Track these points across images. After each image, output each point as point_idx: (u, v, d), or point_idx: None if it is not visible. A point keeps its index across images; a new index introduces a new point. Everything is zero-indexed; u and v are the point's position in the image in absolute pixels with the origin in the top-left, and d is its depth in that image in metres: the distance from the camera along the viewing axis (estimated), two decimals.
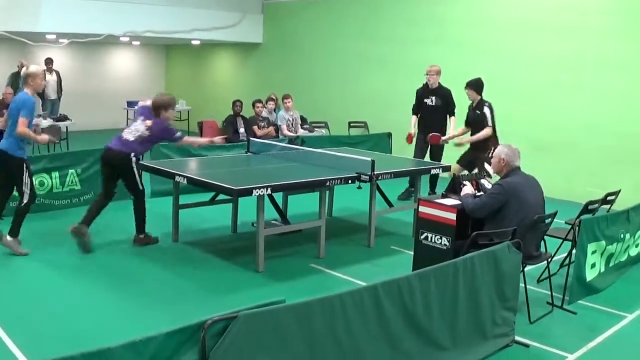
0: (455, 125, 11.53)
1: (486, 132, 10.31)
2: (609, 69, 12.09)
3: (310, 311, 4.27)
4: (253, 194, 7.43)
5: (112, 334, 5.68)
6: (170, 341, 3.65)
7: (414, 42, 15.46)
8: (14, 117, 7.93)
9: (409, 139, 11.78)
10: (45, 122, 14.84)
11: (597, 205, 7.85)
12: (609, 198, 8.23)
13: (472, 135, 10.59)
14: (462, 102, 11.23)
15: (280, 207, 9.22)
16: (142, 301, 6.89)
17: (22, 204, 8.13)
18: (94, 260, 8.04)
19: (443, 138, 11.15)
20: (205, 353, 3.75)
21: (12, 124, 7.97)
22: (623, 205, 8.23)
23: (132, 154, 8.46)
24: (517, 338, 6.08)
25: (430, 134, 11.13)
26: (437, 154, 11.59)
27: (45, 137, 8.50)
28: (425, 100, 11.61)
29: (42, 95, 17.67)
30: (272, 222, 8.68)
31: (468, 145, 10.67)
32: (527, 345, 6.05)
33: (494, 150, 8.69)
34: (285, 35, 19.41)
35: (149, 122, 8.67)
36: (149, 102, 8.99)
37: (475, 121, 10.49)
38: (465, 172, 9.15)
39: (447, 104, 11.50)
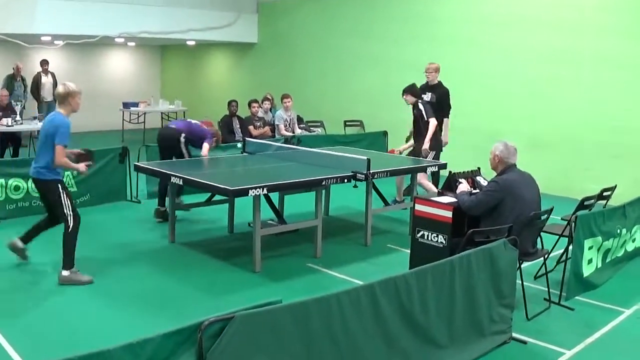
0: (448, 127, 11.45)
1: (432, 123, 10.48)
2: (605, 65, 12.09)
3: (307, 311, 4.27)
4: (249, 194, 7.43)
5: (109, 336, 5.70)
6: (167, 342, 3.64)
7: (408, 40, 15.46)
8: (45, 140, 7.31)
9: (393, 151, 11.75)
10: (41, 124, 14.77)
11: (593, 201, 7.85)
12: (605, 193, 8.24)
13: (417, 135, 10.72)
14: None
15: (277, 207, 9.23)
16: (138, 303, 6.88)
17: (69, 229, 7.37)
18: (90, 263, 8.01)
19: (397, 149, 11.32)
20: (203, 354, 3.75)
21: (42, 148, 7.36)
22: (619, 200, 8.24)
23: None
24: (515, 335, 6.08)
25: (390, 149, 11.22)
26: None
27: (83, 166, 7.75)
28: (423, 95, 11.55)
29: (37, 97, 17.68)
30: (269, 222, 8.68)
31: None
32: (524, 342, 6.05)
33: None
34: (280, 34, 19.41)
35: None
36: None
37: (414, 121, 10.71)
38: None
39: (440, 102, 11.37)
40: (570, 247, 7.20)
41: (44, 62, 17.90)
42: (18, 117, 14.29)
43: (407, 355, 5.00)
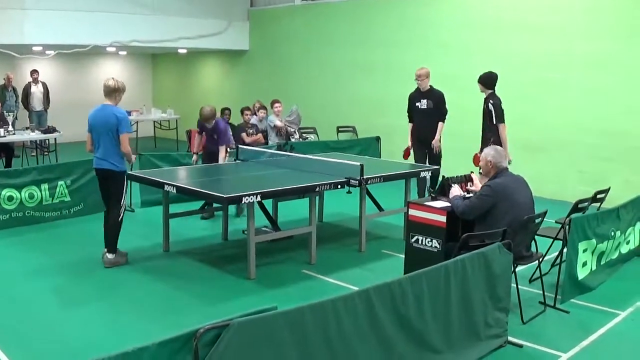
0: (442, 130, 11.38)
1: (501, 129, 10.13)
2: (595, 68, 12.14)
3: (302, 317, 4.26)
4: (243, 202, 7.43)
5: (104, 346, 5.69)
6: (162, 351, 3.63)
7: (400, 46, 15.48)
8: (107, 131, 7.92)
9: (406, 154, 11.51)
10: (34, 135, 14.79)
11: (587, 203, 7.87)
12: (598, 196, 8.25)
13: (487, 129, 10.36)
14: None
15: (271, 213, 9.22)
16: (134, 311, 6.87)
17: (119, 218, 8.21)
18: (85, 272, 8.00)
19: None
20: None
21: (106, 139, 7.97)
22: (613, 203, 8.26)
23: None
24: (510, 338, 6.08)
25: (474, 154, 10.41)
26: (436, 161, 11.41)
27: (134, 157, 8.55)
28: (417, 103, 11.42)
29: (27, 106, 17.64)
30: (263, 229, 8.67)
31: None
32: (520, 346, 6.05)
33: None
34: (271, 41, 19.40)
35: None
36: None
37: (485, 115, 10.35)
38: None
39: (438, 107, 11.30)
40: (565, 250, 7.20)
41: (34, 72, 17.87)
42: (10, 128, 14.27)
43: None
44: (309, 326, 4.29)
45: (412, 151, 11.48)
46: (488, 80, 10.29)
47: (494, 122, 10.03)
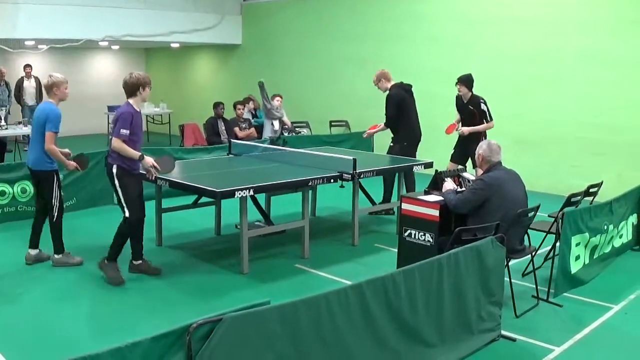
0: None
1: (489, 125, 10.26)
2: (588, 62, 12.16)
3: (295, 312, 4.26)
4: (235, 196, 7.42)
5: (97, 341, 5.68)
6: (155, 346, 3.63)
7: (392, 40, 15.48)
8: (37, 128, 7.64)
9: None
10: (27, 129, 14.74)
11: (579, 197, 7.87)
12: (591, 190, 8.26)
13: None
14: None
15: (263, 208, 9.22)
16: (126, 306, 6.86)
17: (54, 219, 7.89)
18: (77, 268, 7.98)
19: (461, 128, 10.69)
20: (192, 357, 3.74)
21: (35, 137, 7.71)
22: (605, 196, 8.28)
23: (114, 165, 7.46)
24: (504, 332, 6.09)
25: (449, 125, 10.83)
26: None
27: (73, 164, 7.95)
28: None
29: (20, 101, 17.60)
30: (256, 223, 8.66)
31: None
32: (513, 339, 6.06)
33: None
34: (264, 36, 19.38)
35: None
36: None
37: (470, 115, 10.36)
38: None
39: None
40: (558, 244, 7.22)
41: (27, 67, 17.85)
42: (3, 122, 14.23)
43: (396, 354, 5.00)
44: (302, 320, 4.29)
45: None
46: (470, 82, 10.41)
47: (490, 120, 10.13)
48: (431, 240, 6.80)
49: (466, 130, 10.32)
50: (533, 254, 7.13)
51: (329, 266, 8.18)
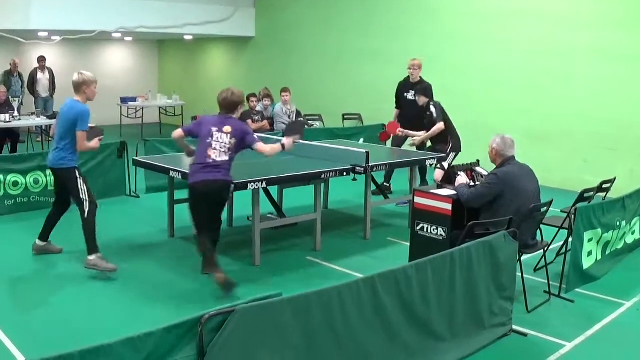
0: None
1: (438, 127, 10.31)
2: (600, 57, 12.09)
3: (307, 304, 4.26)
4: (248, 188, 7.43)
5: (110, 331, 5.68)
6: (168, 337, 3.64)
7: (406, 34, 15.43)
8: (66, 125, 7.39)
9: (384, 136, 11.84)
10: (39, 120, 14.79)
11: (592, 193, 7.85)
12: (604, 186, 8.23)
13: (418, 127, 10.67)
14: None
15: (276, 200, 9.22)
16: (139, 297, 6.88)
17: (85, 215, 7.46)
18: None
19: (400, 130, 11.03)
20: (203, 348, 3.75)
21: (63, 136, 7.44)
22: (618, 192, 8.24)
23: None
24: (515, 327, 6.08)
25: (388, 122, 11.39)
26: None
27: (97, 142, 7.78)
28: (405, 94, 11.52)
29: (33, 93, 17.66)
30: (268, 215, 8.66)
31: (429, 144, 10.69)
32: (525, 335, 6.05)
33: (452, 142, 9.99)
34: (277, 28, 19.36)
35: (228, 128, 7.14)
36: None
37: (429, 122, 10.43)
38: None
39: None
40: (570, 240, 7.20)
41: (41, 59, 17.86)
42: (16, 113, 14.31)
43: (408, 347, 5.00)
44: (314, 312, 4.29)
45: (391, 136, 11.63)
46: (430, 91, 10.69)
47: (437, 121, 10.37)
48: (444, 234, 6.80)
49: (417, 141, 10.67)
50: (545, 249, 7.10)
51: (341, 259, 8.19)
